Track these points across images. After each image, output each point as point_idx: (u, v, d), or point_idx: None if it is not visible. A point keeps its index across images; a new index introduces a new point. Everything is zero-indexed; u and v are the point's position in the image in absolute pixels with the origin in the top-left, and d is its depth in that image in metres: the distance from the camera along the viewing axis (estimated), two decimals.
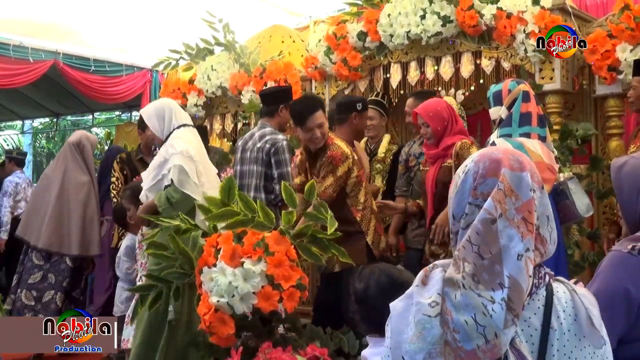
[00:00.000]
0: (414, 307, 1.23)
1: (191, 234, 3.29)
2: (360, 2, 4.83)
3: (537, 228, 1.27)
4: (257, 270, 2.90)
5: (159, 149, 4.08)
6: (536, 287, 1.27)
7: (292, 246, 3.06)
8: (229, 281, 2.88)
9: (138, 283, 3.98)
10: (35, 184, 8.28)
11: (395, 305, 1.29)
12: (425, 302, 1.22)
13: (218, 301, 2.89)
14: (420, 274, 1.29)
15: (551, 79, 4.00)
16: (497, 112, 3.48)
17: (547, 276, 1.30)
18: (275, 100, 4.46)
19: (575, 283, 1.30)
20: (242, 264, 2.92)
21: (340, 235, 3.15)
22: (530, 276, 1.21)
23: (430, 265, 1.30)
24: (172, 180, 3.76)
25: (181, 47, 6.07)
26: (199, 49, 5.97)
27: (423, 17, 4.31)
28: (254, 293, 2.89)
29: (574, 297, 1.29)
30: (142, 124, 4.88)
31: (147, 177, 3.96)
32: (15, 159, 7.85)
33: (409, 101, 4.36)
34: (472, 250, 1.22)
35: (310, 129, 3.83)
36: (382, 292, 2.12)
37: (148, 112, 4.09)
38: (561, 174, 3.56)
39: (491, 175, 1.27)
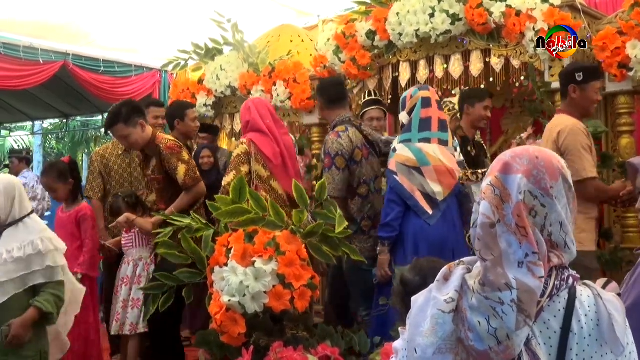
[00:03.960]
0: (431, 301, 1.25)
1: (204, 234, 3.31)
2: (369, 1, 4.82)
3: (549, 235, 1.25)
4: (268, 269, 2.91)
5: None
6: (557, 289, 1.24)
7: (303, 245, 3.07)
8: (240, 280, 2.89)
9: None
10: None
11: (417, 299, 1.30)
12: (441, 298, 1.23)
13: (229, 300, 2.90)
14: (444, 269, 1.29)
15: None
16: (401, 118, 3.66)
17: (570, 279, 1.27)
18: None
19: (607, 283, 1.28)
20: (253, 263, 2.93)
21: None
22: (541, 277, 1.19)
23: (457, 261, 1.31)
24: (59, 281, 3.06)
25: (190, 47, 6.09)
26: (207, 49, 5.98)
27: (432, 15, 4.30)
28: (265, 292, 2.90)
29: (599, 302, 1.25)
30: (179, 112, 4.71)
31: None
32: (26, 158, 7.98)
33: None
34: (478, 258, 1.23)
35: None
36: None
37: None
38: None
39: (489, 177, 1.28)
